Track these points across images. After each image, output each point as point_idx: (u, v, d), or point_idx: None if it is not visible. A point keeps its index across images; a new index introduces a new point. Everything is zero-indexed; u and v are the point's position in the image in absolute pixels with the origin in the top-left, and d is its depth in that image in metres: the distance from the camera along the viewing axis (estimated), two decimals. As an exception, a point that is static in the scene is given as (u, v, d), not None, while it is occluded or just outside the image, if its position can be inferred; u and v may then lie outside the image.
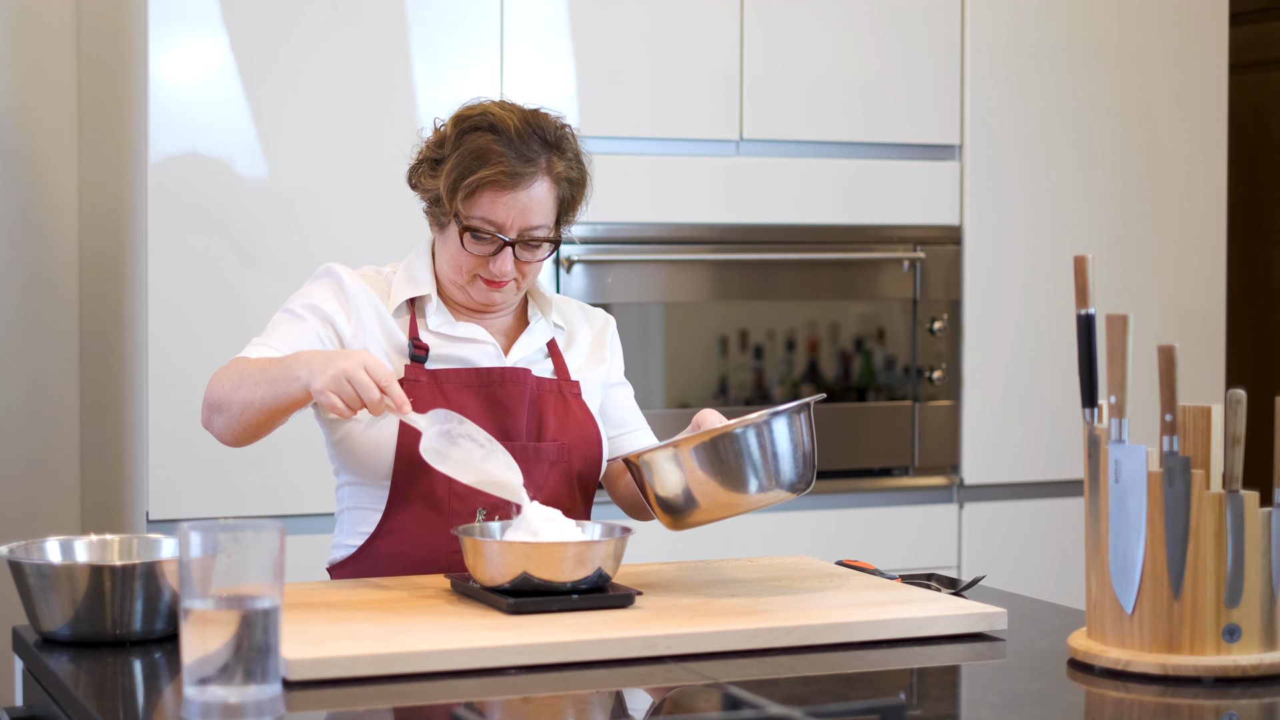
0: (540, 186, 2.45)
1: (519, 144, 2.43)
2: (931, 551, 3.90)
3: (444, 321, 2.51)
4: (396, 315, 2.51)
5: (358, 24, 3.47)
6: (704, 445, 2.25)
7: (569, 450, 2.51)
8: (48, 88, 3.84)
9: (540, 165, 2.44)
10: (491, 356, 2.50)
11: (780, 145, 3.80)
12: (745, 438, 2.24)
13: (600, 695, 1.91)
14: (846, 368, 3.88)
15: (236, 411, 2.35)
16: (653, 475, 2.29)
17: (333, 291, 2.50)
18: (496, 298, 2.49)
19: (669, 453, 2.26)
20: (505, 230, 2.44)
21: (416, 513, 2.45)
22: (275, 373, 2.31)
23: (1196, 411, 1.97)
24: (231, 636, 1.72)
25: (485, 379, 2.48)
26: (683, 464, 2.26)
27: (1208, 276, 4.14)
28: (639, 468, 2.31)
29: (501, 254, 2.44)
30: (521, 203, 2.43)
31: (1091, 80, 4.01)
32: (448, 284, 2.53)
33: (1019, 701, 1.88)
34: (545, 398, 2.51)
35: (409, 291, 2.51)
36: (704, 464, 2.25)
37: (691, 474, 2.26)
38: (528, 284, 2.52)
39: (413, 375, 2.46)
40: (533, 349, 2.55)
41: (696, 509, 2.28)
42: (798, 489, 2.29)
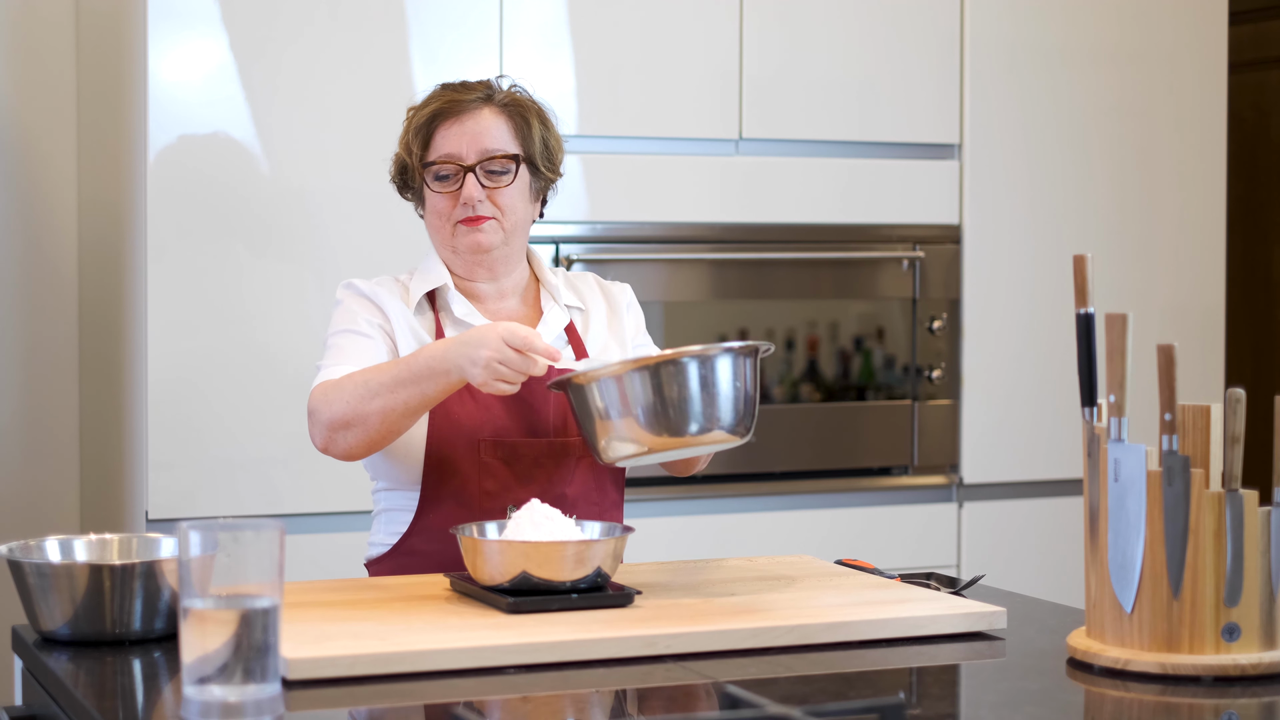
0: (486, 112, 2.54)
1: (459, 86, 2.58)
2: (931, 551, 3.90)
3: (467, 311, 2.56)
4: (419, 313, 2.57)
5: (358, 24, 3.47)
6: (641, 371, 2.17)
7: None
8: (47, 86, 3.84)
9: (480, 95, 2.55)
10: None
11: (779, 144, 3.80)
12: (686, 369, 2.16)
13: (599, 694, 1.91)
14: (846, 367, 3.88)
15: (375, 422, 2.38)
16: (586, 400, 2.22)
17: (360, 303, 2.56)
18: (481, 238, 2.53)
19: (604, 376, 2.19)
20: (463, 158, 2.52)
21: (448, 511, 2.48)
22: (412, 373, 2.36)
23: (1196, 410, 1.97)
24: (231, 636, 1.72)
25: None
26: (618, 389, 2.18)
27: (1207, 275, 4.14)
28: (570, 391, 2.24)
29: (466, 182, 2.51)
30: (471, 130, 2.52)
31: (1091, 79, 4.01)
32: (447, 259, 2.59)
33: (1018, 700, 1.88)
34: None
35: (426, 285, 2.57)
36: (641, 392, 2.17)
37: (625, 402, 2.19)
38: (512, 225, 2.55)
39: None
40: (551, 337, 2.58)
41: (627, 441, 2.20)
42: (737, 433, 2.21)
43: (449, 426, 2.49)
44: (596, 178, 3.65)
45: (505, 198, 2.54)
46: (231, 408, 3.40)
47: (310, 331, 3.41)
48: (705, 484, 3.75)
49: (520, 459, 2.49)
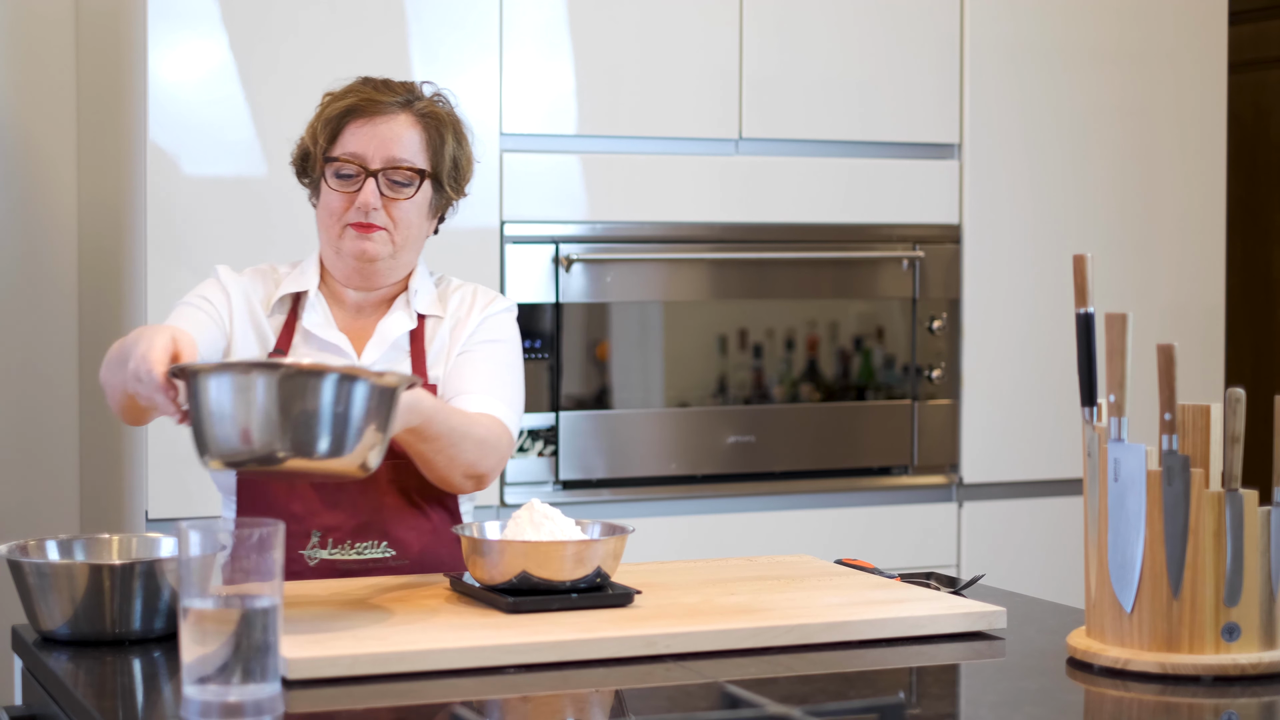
0: (402, 119, 2.47)
1: (380, 85, 2.50)
2: (931, 550, 3.90)
3: (320, 322, 2.49)
4: (275, 313, 2.52)
5: (357, 23, 3.47)
6: (229, 375, 1.97)
7: (407, 466, 2.41)
8: (47, 86, 3.84)
9: (400, 100, 2.48)
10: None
11: (779, 144, 3.80)
12: (263, 381, 1.94)
13: (599, 694, 1.91)
14: (846, 366, 3.88)
15: (113, 395, 2.29)
16: (190, 392, 2.02)
17: (215, 289, 2.52)
18: (369, 246, 2.44)
19: (201, 372, 1.98)
20: (368, 161, 2.44)
21: None
22: (122, 355, 2.20)
23: (1196, 410, 1.97)
24: (231, 636, 1.72)
25: None
26: (209, 390, 1.98)
27: (1207, 275, 4.14)
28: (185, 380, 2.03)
29: (365, 186, 2.44)
30: (382, 134, 2.45)
31: (1091, 79, 4.01)
32: (328, 258, 2.51)
33: (1018, 700, 1.88)
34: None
35: (292, 287, 2.51)
36: (225, 397, 1.96)
37: (209, 405, 1.98)
38: (403, 239, 2.46)
39: None
40: (384, 347, 2.49)
41: (210, 448, 1.99)
42: (321, 457, 1.97)
43: None
44: (596, 178, 3.65)
45: (401, 211, 2.45)
46: (231, 408, 3.39)
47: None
48: (705, 484, 3.75)
49: (324, 485, 2.42)
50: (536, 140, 3.61)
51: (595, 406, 3.64)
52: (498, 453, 2.41)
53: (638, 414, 3.69)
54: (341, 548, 2.45)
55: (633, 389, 3.69)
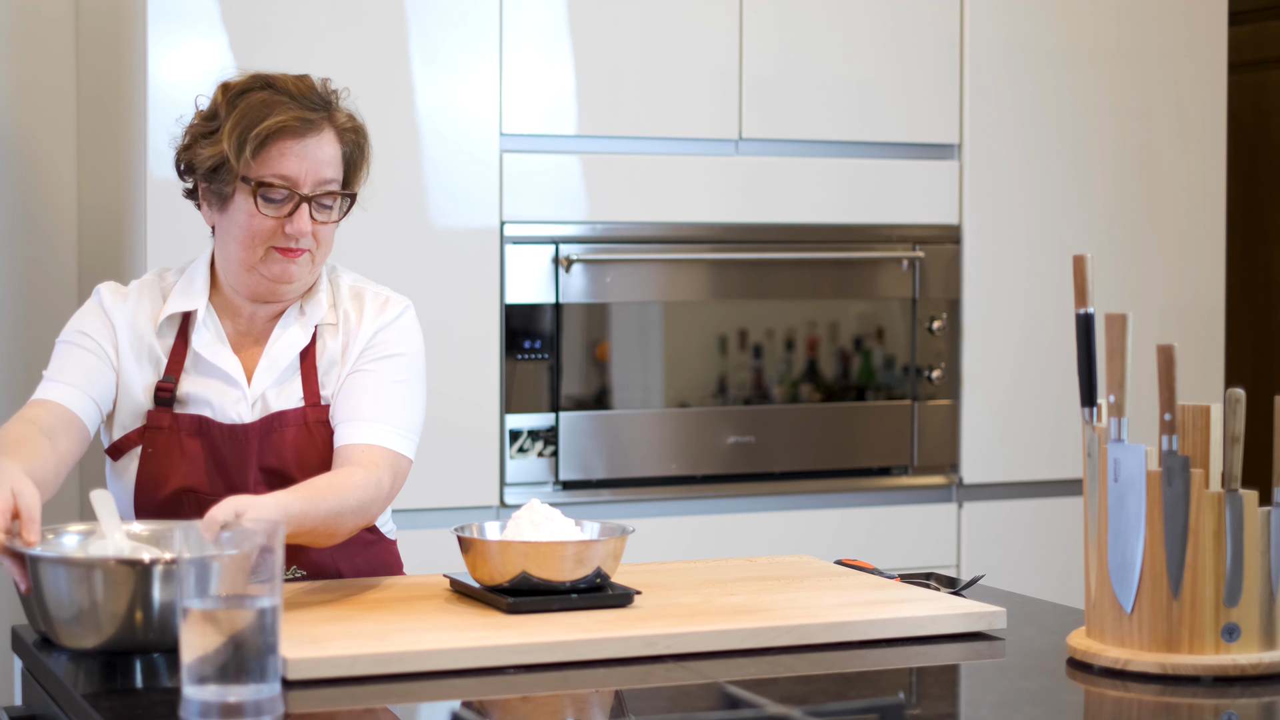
0: (328, 137, 2.35)
1: (300, 97, 2.35)
2: (931, 551, 3.90)
3: (209, 342, 2.40)
4: (164, 332, 2.42)
5: (357, 24, 3.47)
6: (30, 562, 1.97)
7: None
8: (47, 86, 3.84)
9: (325, 114, 2.36)
10: (236, 400, 2.39)
11: (779, 144, 3.80)
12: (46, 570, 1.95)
13: (599, 694, 1.91)
14: (845, 367, 3.88)
15: None
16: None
17: (96, 318, 2.42)
18: (293, 269, 2.36)
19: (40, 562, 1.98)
20: (300, 185, 2.33)
21: None
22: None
23: (1196, 410, 1.97)
24: (231, 636, 1.72)
25: (214, 431, 2.37)
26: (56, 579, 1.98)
27: (1207, 275, 4.14)
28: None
29: (298, 212, 2.32)
30: (313, 154, 2.33)
31: (1091, 79, 4.01)
32: (232, 272, 2.39)
33: (1018, 701, 1.88)
34: (284, 435, 2.38)
35: (179, 305, 2.42)
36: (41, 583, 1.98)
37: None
38: (322, 257, 2.39)
39: (155, 421, 2.39)
40: (277, 370, 2.40)
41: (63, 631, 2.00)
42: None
43: (153, 478, 2.39)
44: (596, 178, 3.65)
45: (326, 231, 2.37)
46: (231, 408, 3.39)
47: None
48: (705, 484, 3.75)
49: (180, 508, 2.37)
50: (536, 140, 3.61)
51: (595, 407, 3.64)
52: (379, 500, 2.30)
53: (638, 414, 3.69)
54: None
55: (633, 389, 3.69)
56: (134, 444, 2.41)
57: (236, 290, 2.42)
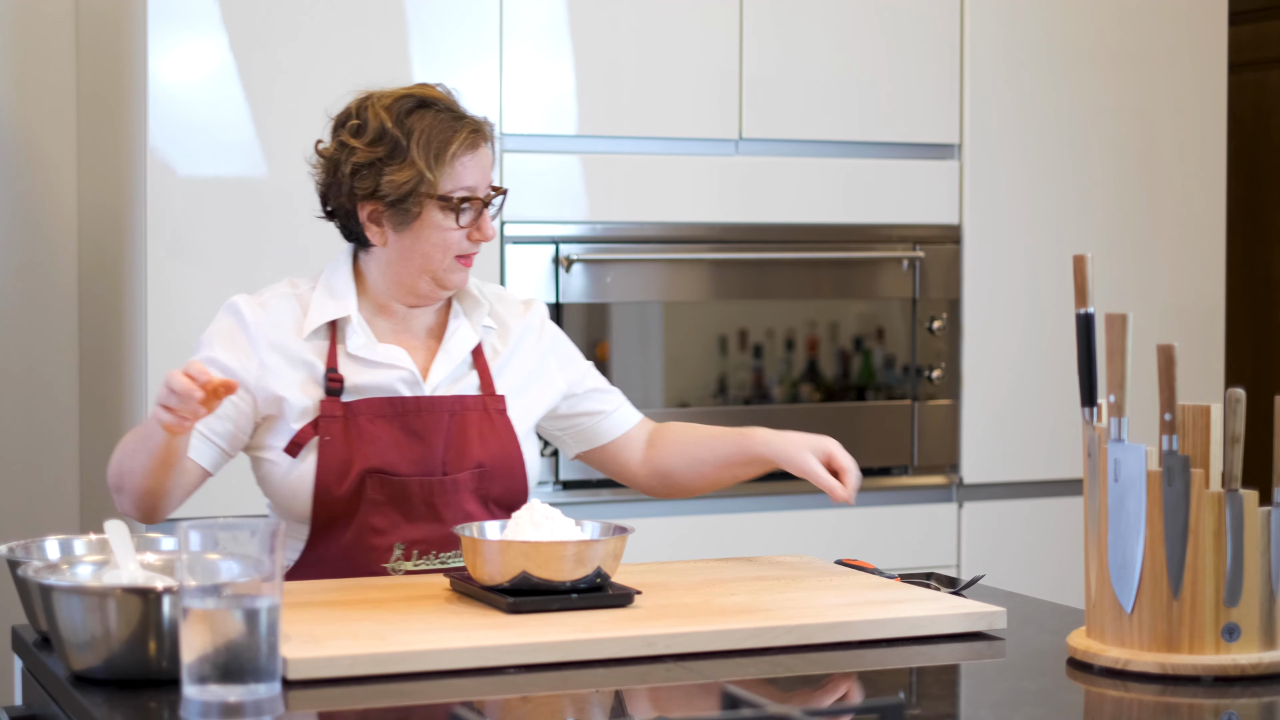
0: (486, 144, 2.49)
1: (456, 108, 2.50)
2: (931, 551, 3.90)
3: (364, 344, 2.46)
4: (313, 339, 2.46)
5: (358, 23, 3.47)
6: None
7: (489, 474, 2.47)
8: (47, 86, 3.84)
9: (482, 122, 2.49)
10: (409, 381, 2.46)
11: (779, 144, 3.80)
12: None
13: (599, 694, 1.91)
14: (846, 367, 3.88)
15: (129, 484, 2.35)
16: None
17: (232, 336, 2.45)
18: (467, 275, 2.49)
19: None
20: (478, 191, 2.46)
21: (335, 547, 2.44)
22: (142, 430, 2.32)
23: (1196, 410, 1.97)
24: (231, 635, 1.72)
25: (399, 409, 2.44)
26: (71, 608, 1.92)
27: (1207, 275, 4.14)
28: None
29: (483, 216, 2.45)
30: (484, 161, 2.47)
31: (1091, 79, 4.01)
32: (403, 284, 2.47)
33: (1018, 700, 1.88)
34: (468, 418, 2.47)
35: (329, 313, 2.46)
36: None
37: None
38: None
39: (328, 411, 2.42)
40: (453, 364, 2.50)
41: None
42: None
43: (335, 461, 2.42)
44: (596, 178, 3.65)
45: (493, 229, 2.49)
46: (231, 408, 3.39)
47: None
48: (705, 484, 3.75)
49: (408, 497, 2.43)
50: (536, 140, 3.61)
51: (595, 407, 3.64)
52: None
53: (638, 414, 3.68)
54: (426, 559, 2.45)
55: (633, 389, 3.69)
56: (310, 436, 2.43)
57: (396, 298, 2.50)
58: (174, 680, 1.84)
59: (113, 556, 2.03)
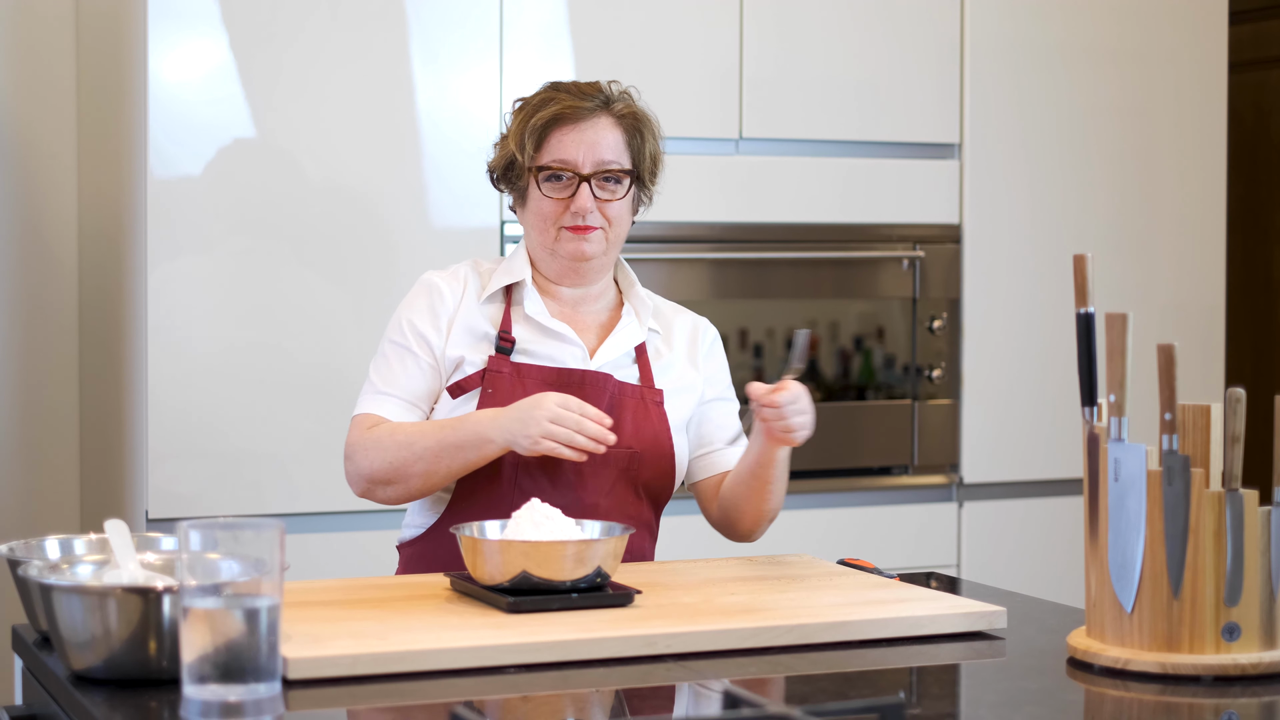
0: (604, 122, 2.55)
1: (576, 92, 2.58)
2: (931, 550, 3.90)
3: (539, 310, 2.57)
4: (490, 303, 2.57)
5: (358, 23, 3.47)
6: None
7: (639, 458, 2.53)
8: (47, 86, 3.84)
9: (599, 101, 2.56)
10: (578, 358, 2.55)
11: (780, 144, 3.80)
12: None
13: (599, 694, 1.91)
14: (846, 366, 3.88)
15: (417, 483, 2.47)
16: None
17: (427, 302, 2.57)
18: (585, 247, 2.53)
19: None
20: (579, 166, 2.52)
21: (481, 508, 2.49)
22: (458, 440, 2.42)
23: (1196, 410, 1.97)
24: (231, 635, 1.72)
25: (566, 379, 2.53)
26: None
27: (1207, 275, 4.14)
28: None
29: (580, 192, 2.52)
30: (589, 138, 2.53)
31: (1091, 79, 4.01)
32: (540, 257, 2.58)
33: (1018, 700, 1.88)
34: (625, 402, 2.54)
35: (505, 279, 2.57)
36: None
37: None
38: (615, 236, 2.56)
39: (495, 366, 2.52)
40: (620, 351, 2.58)
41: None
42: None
43: None
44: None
45: (614, 210, 2.55)
46: (231, 407, 3.40)
47: (311, 329, 3.41)
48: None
49: (559, 465, 2.49)
50: (536, 140, 3.60)
51: (595, 406, 3.64)
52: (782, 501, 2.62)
53: (638, 414, 3.68)
54: None
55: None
56: (475, 385, 2.52)
57: (549, 276, 2.60)
58: (174, 680, 1.84)
59: (113, 556, 2.03)
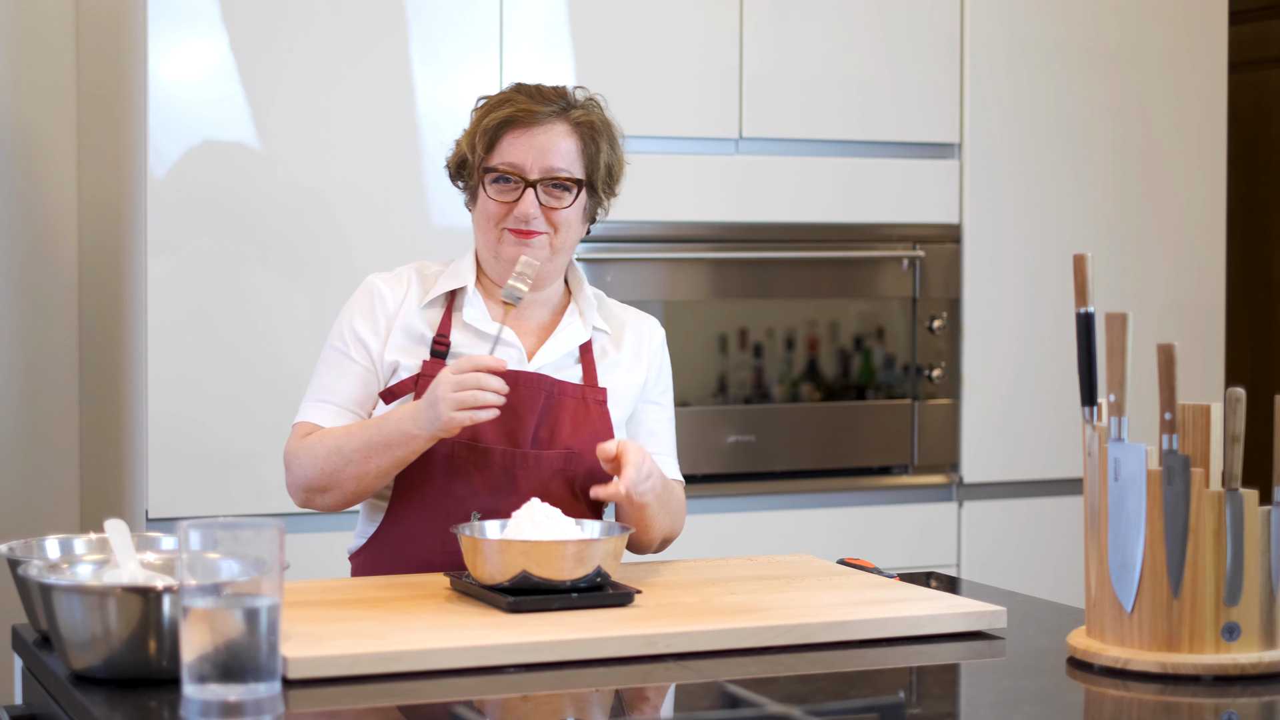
0: (559, 129, 2.51)
1: (537, 95, 2.54)
2: (931, 550, 3.90)
3: (479, 316, 2.55)
4: (430, 307, 2.55)
5: (358, 23, 3.47)
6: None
7: (577, 458, 2.50)
8: (47, 86, 3.84)
9: (556, 107, 2.52)
10: (515, 359, 2.52)
11: (780, 144, 3.80)
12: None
13: (599, 694, 1.91)
14: (846, 366, 3.88)
15: (350, 486, 2.44)
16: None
17: (368, 305, 2.56)
18: (529, 252, 2.50)
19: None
20: (527, 171, 2.49)
21: (417, 510, 2.48)
22: (384, 439, 2.40)
23: (1196, 410, 1.97)
24: (231, 635, 1.72)
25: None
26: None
27: (1207, 275, 4.14)
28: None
29: (524, 197, 2.49)
30: (540, 143, 2.49)
31: (1091, 78, 4.01)
32: (485, 260, 2.57)
33: (1018, 700, 1.88)
34: (563, 402, 2.52)
35: (449, 284, 2.56)
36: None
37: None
38: (561, 244, 2.53)
39: (429, 370, 2.49)
40: (561, 352, 2.56)
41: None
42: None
43: None
44: (596, 177, 3.65)
45: (560, 217, 2.51)
46: (231, 407, 3.40)
47: (309, 332, 3.41)
48: (705, 484, 3.75)
49: (492, 466, 2.46)
50: (536, 140, 3.60)
51: (595, 406, 3.64)
52: (682, 518, 2.59)
53: (638, 414, 3.68)
54: None
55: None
56: (408, 389, 2.50)
57: (494, 279, 2.57)
58: (174, 679, 1.84)
59: (113, 556, 2.03)
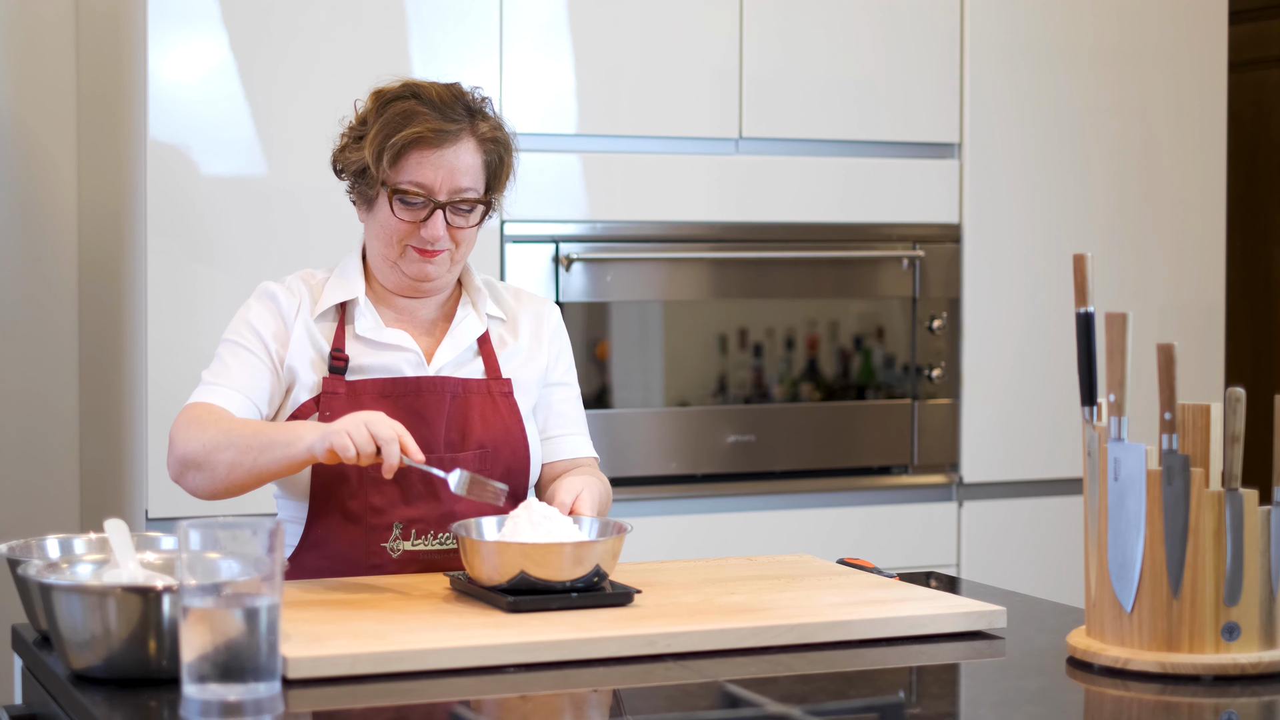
0: (467, 147, 2.46)
1: (442, 107, 2.46)
2: (931, 550, 3.90)
3: (371, 326, 2.50)
4: (322, 320, 2.51)
5: (358, 23, 3.47)
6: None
7: (492, 455, 2.48)
8: (47, 85, 3.84)
9: (465, 125, 2.46)
10: (414, 364, 2.49)
11: (779, 144, 3.80)
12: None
13: (599, 693, 1.91)
14: (846, 366, 3.88)
15: (222, 472, 2.36)
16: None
17: (268, 309, 2.51)
18: (430, 269, 2.47)
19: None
20: (435, 192, 2.44)
21: (336, 526, 2.45)
22: (266, 439, 2.32)
23: (1196, 410, 1.97)
24: (231, 634, 1.72)
25: (401, 389, 2.46)
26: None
27: (1207, 274, 4.14)
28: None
29: (433, 218, 2.44)
30: (449, 163, 2.44)
31: (1091, 78, 4.01)
32: (379, 267, 2.51)
33: (1018, 700, 1.88)
34: (470, 400, 2.49)
35: (338, 296, 2.51)
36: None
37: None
38: (461, 256, 2.50)
39: (331, 387, 2.45)
40: (459, 349, 2.53)
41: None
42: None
43: None
44: (596, 177, 3.65)
45: (464, 235, 2.48)
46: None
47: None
48: (705, 484, 3.75)
49: (406, 475, 2.43)
50: (536, 139, 3.61)
51: (595, 406, 3.64)
52: (610, 501, 2.57)
53: (638, 413, 3.69)
54: (425, 539, 2.46)
55: (633, 388, 3.69)
56: (311, 411, 2.46)
57: (387, 284, 2.53)
58: (174, 679, 1.84)
59: (113, 555, 2.03)
